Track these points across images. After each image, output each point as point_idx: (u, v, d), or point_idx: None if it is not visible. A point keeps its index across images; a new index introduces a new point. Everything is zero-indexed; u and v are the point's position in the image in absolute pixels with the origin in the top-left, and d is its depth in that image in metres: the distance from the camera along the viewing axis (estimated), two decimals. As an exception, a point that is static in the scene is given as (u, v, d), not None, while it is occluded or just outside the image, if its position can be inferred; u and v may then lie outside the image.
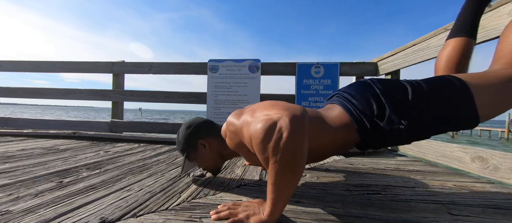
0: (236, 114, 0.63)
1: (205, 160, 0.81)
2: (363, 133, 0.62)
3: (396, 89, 0.63)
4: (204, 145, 0.79)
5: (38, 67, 2.39)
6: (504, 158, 0.88)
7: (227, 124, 0.65)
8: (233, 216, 0.54)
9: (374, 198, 0.71)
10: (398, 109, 0.60)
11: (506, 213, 0.62)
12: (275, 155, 0.44)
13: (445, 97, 0.60)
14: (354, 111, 0.63)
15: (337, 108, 0.67)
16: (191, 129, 0.80)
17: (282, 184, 0.47)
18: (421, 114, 0.59)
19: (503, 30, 0.67)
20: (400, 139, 0.62)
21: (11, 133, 1.80)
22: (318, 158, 0.73)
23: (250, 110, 0.59)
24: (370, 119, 0.61)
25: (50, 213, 0.55)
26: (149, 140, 1.69)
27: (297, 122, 0.45)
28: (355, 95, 0.66)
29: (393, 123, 0.59)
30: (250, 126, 0.52)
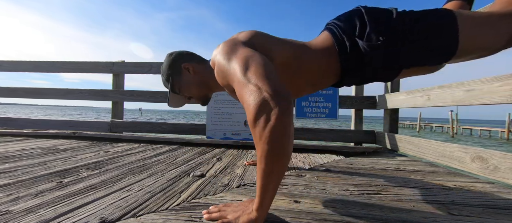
0: (225, 52, 0.59)
1: (190, 86, 0.80)
2: (342, 55, 0.64)
3: (381, 11, 0.65)
4: (188, 68, 0.79)
5: (38, 67, 2.39)
6: (504, 158, 0.88)
7: (218, 61, 0.61)
8: (223, 218, 0.53)
9: (374, 198, 0.71)
10: (378, 27, 0.61)
11: (506, 213, 0.62)
12: (264, 136, 0.45)
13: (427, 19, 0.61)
14: (337, 31, 0.66)
15: (323, 33, 0.70)
16: (174, 55, 0.81)
17: (270, 168, 0.46)
18: (400, 32, 0.60)
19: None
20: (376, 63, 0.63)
21: (11, 133, 1.80)
22: (302, 89, 0.74)
23: (241, 58, 0.55)
24: (350, 38, 0.63)
25: (50, 213, 0.55)
26: (149, 140, 1.69)
27: (285, 104, 0.46)
28: (341, 18, 0.69)
29: (371, 40, 0.60)
30: (242, 90, 0.50)
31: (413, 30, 0.61)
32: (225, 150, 1.49)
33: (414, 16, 0.62)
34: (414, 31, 0.61)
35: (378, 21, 0.62)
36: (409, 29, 0.61)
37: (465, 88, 1.07)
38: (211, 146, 1.61)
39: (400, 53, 0.63)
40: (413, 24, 0.61)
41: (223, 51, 0.60)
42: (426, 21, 0.61)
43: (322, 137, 1.97)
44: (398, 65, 0.66)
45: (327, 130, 1.96)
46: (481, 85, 0.99)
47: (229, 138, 1.95)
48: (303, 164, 1.15)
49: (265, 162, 0.46)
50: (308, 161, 1.22)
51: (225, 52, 0.59)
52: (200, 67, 0.80)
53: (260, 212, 0.50)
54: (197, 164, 1.09)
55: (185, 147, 1.55)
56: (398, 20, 0.62)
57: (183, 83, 0.81)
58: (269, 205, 0.51)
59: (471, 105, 1.04)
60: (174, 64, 0.80)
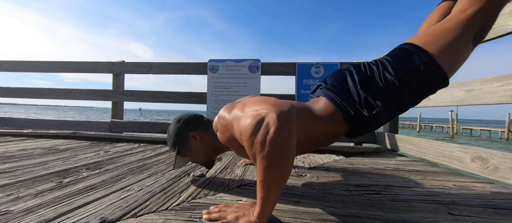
0: (227, 108, 0.63)
1: (197, 153, 0.81)
2: (349, 121, 0.66)
3: (367, 74, 0.68)
4: (195, 137, 0.79)
5: (38, 67, 2.39)
6: (504, 158, 0.88)
7: (219, 118, 0.65)
8: (223, 218, 0.54)
9: (374, 198, 0.71)
10: (371, 93, 0.65)
11: (506, 213, 0.62)
12: (262, 151, 0.44)
13: (408, 68, 0.64)
14: (338, 100, 0.67)
15: (322, 99, 0.71)
16: (181, 123, 0.81)
17: (270, 181, 0.46)
18: (391, 91, 0.64)
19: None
20: (383, 118, 0.66)
21: (11, 133, 1.80)
22: (309, 149, 0.75)
23: (241, 104, 0.59)
24: (353, 107, 0.65)
25: (50, 213, 0.55)
26: (149, 140, 1.69)
27: (284, 117, 0.45)
28: (336, 85, 0.70)
29: (371, 107, 0.64)
30: (240, 121, 0.52)
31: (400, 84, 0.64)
32: (225, 150, 1.49)
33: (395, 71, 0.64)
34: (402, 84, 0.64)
35: (368, 87, 0.66)
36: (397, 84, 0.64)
37: (465, 88, 1.07)
38: (211, 146, 1.61)
39: (400, 104, 0.67)
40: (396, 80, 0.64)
41: (223, 109, 0.64)
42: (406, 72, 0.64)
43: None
44: (404, 110, 0.71)
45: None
46: (481, 85, 0.99)
47: (229, 138, 1.95)
48: (303, 164, 1.15)
49: (264, 176, 0.46)
50: (308, 161, 1.22)
51: (225, 108, 0.64)
52: (206, 135, 0.80)
53: (260, 219, 0.50)
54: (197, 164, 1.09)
55: (185, 147, 1.55)
56: (384, 80, 0.65)
57: (190, 150, 0.81)
58: (270, 213, 0.51)
59: (471, 105, 1.04)
60: (181, 132, 0.80)
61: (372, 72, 0.67)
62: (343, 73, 0.72)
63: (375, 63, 0.69)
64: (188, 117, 0.83)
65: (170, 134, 0.81)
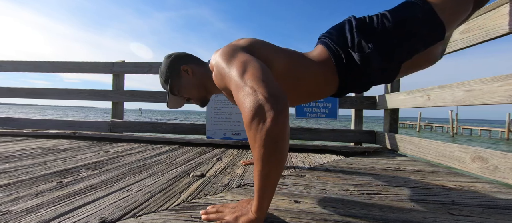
0: (226, 54, 0.60)
1: (189, 88, 0.81)
2: (339, 67, 0.68)
3: (365, 20, 0.69)
4: (187, 70, 0.79)
5: (38, 67, 2.39)
6: (504, 158, 0.88)
7: (217, 63, 0.62)
8: (221, 219, 0.53)
9: (374, 198, 0.71)
10: (365, 34, 0.66)
11: (506, 213, 0.62)
12: (259, 139, 0.45)
13: (407, 15, 0.66)
14: (332, 45, 0.69)
15: (318, 46, 0.73)
16: (172, 57, 0.81)
17: (266, 171, 0.47)
18: (386, 36, 0.65)
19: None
20: (373, 66, 0.67)
21: (11, 133, 1.80)
22: (299, 99, 0.76)
23: (240, 62, 0.55)
24: (345, 51, 0.67)
25: (50, 213, 0.55)
26: (149, 140, 1.69)
27: (280, 108, 0.46)
28: (332, 31, 0.72)
29: (362, 49, 0.65)
30: (238, 93, 0.51)
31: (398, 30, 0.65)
32: (225, 150, 1.49)
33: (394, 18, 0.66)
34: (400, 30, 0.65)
35: (364, 30, 0.67)
36: (392, 28, 0.65)
37: (465, 88, 1.07)
38: (211, 146, 1.61)
39: (392, 50, 0.67)
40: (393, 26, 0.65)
41: (222, 54, 0.61)
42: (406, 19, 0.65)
43: (322, 137, 1.97)
44: (395, 62, 0.70)
45: (327, 130, 1.96)
46: (481, 85, 0.99)
47: (229, 138, 1.95)
48: (303, 164, 1.15)
49: (261, 164, 0.46)
50: (308, 161, 1.22)
51: (224, 55, 0.60)
52: (198, 69, 0.80)
53: (259, 213, 0.50)
54: (197, 164, 1.09)
55: (185, 147, 1.55)
56: (380, 24, 0.66)
57: (182, 85, 0.81)
58: (268, 206, 0.51)
59: (471, 105, 1.04)
60: (172, 66, 0.80)
61: (371, 19, 0.69)
62: (342, 22, 0.74)
63: (376, 14, 0.71)
64: (179, 52, 0.83)
65: (162, 70, 0.81)
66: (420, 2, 0.66)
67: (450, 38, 1.15)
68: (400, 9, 0.68)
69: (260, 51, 0.66)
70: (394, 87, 1.78)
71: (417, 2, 0.66)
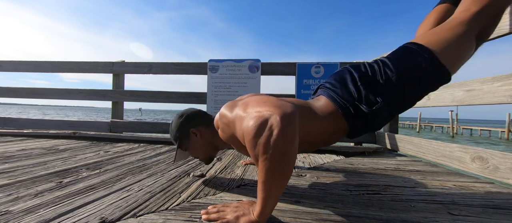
0: (229, 106, 0.63)
1: (197, 149, 0.83)
2: (348, 118, 0.67)
3: (367, 72, 0.69)
4: (196, 133, 0.80)
5: (38, 67, 2.39)
6: (504, 158, 0.88)
7: (220, 115, 0.65)
8: (222, 218, 0.54)
9: (374, 198, 0.71)
10: (371, 90, 0.65)
11: (506, 213, 0.62)
12: (265, 153, 0.44)
13: (409, 65, 0.65)
14: (337, 98, 0.68)
15: (322, 98, 0.72)
16: (183, 118, 0.82)
17: (272, 182, 0.47)
18: (392, 88, 0.65)
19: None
20: (383, 117, 0.67)
21: (11, 133, 1.80)
22: (310, 148, 0.75)
23: (242, 103, 0.58)
24: (352, 104, 0.66)
25: (50, 213, 0.55)
26: (149, 140, 1.69)
27: (287, 120, 0.45)
28: (335, 83, 0.71)
29: (371, 104, 0.64)
30: (243, 122, 0.52)
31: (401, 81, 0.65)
32: (225, 150, 1.49)
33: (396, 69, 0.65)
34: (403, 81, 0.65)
35: (369, 83, 0.66)
36: (397, 79, 0.64)
37: (465, 88, 1.07)
38: (211, 146, 1.61)
39: (400, 101, 0.67)
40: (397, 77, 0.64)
41: (225, 107, 0.64)
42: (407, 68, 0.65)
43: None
44: (403, 110, 0.71)
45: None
46: (481, 85, 0.99)
47: (229, 138, 1.95)
48: (303, 164, 1.15)
49: (266, 176, 0.46)
50: (308, 161, 1.22)
51: (226, 107, 0.63)
52: (206, 131, 0.81)
53: (261, 218, 0.50)
54: (197, 164, 1.09)
55: (185, 147, 1.55)
56: (384, 76, 0.66)
57: (190, 145, 0.83)
58: (271, 212, 0.51)
59: (471, 105, 1.04)
60: (182, 127, 0.81)
61: (373, 70, 0.68)
62: (342, 73, 0.73)
63: (375, 62, 0.70)
64: (190, 113, 0.84)
65: (172, 128, 0.83)
66: (419, 49, 0.65)
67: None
68: (400, 58, 0.67)
69: None
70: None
71: (416, 49, 0.65)
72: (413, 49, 0.66)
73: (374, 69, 0.68)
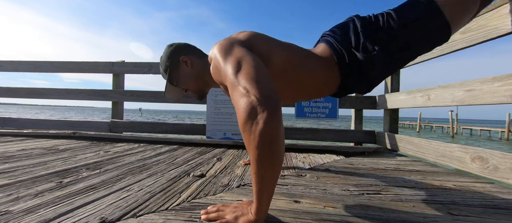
0: (224, 49, 0.59)
1: (187, 79, 0.81)
2: (342, 66, 0.66)
3: (371, 20, 0.68)
4: (186, 62, 0.79)
5: (38, 67, 2.39)
6: (504, 158, 0.88)
7: (214, 56, 0.62)
8: (221, 218, 0.53)
9: (374, 198, 0.71)
10: (370, 36, 0.65)
11: (506, 213, 0.62)
12: (253, 141, 0.45)
13: (412, 15, 0.64)
14: (335, 44, 0.68)
15: (321, 45, 0.72)
16: (173, 47, 0.82)
17: (262, 173, 0.46)
18: (392, 38, 0.64)
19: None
20: (377, 69, 0.66)
21: (11, 133, 1.80)
22: (298, 96, 0.75)
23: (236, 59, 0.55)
24: (348, 50, 0.66)
25: (50, 213, 0.55)
26: (149, 140, 1.69)
27: (273, 108, 0.45)
28: (336, 30, 0.72)
29: (367, 51, 0.64)
30: (232, 91, 0.51)
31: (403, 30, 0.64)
32: (225, 150, 1.49)
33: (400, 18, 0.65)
34: (405, 31, 0.64)
35: (369, 31, 0.66)
36: (398, 28, 0.64)
37: (465, 88, 1.07)
38: (211, 146, 1.61)
39: (397, 52, 0.66)
40: (398, 27, 0.64)
41: (220, 48, 0.60)
42: (411, 19, 0.64)
43: (322, 137, 1.96)
44: (400, 64, 0.70)
45: (327, 130, 1.96)
46: (481, 85, 0.99)
47: (229, 138, 1.95)
48: (303, 164, 1.15)
49: (257, 167, 0.46)
50: (308, 161, 1.22)
51: (221, 49, 0.60)
52: (198, 61, 0.80)
53: (258, 215, 0.50)
54: (197, 164, 1.09)
55: (185, 147, 1.55)
56: (386, 24, 0.65)
57: (181, 75, 0.81)
58: (267, 207, 0.51)
59: (471, 105, 1.04)
60: (172, 56, 0.80)
61: (377, 19, 0.67)
62: (346, 21, 0.73)
63: (381, 13, 0.69)
64: (181, 42, 0.83)
65: (162, 59, 0.82)
66: (425, 1, 0.64)
67: (451, 38, 1.15)
68: (405, 9, 0.67)
69: (258, 46, 0.65)
70: (394, 87, 1.78)
71: (422, 1, 0.65)
72: (420, 0, 0.65)
73: (377, 19, 0.67)
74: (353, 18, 0.71)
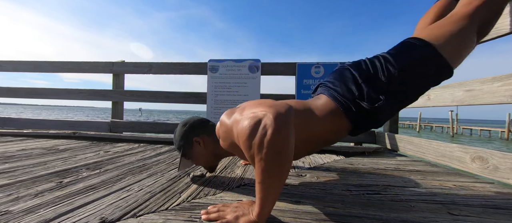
0: (227, 113, 0.64)
1: (200, 158, 0.83)
2: (350, 116, 0.66)
3: (369, 69, 0.68)
4: (199, 142, 0.81)
5: (38, 67, 2.39)
6: (504, 158, 0.88)
7: (220, 124, 0.66)
8: (222, 218, 0.54)
9: (374, 198, 0.71)
10: (373, 86, 0.64)
11: (506, 213, 0.62)
12: (260, 153, 0.44)
13: (411, 60, 0.64)
14: (338, 96, 0.67)
15: (323, 97, 0.71)
16: (186, 127, 0.83)
17: (268, 183, 0.46)
18: (394, 84, 0.64)
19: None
20: (385, 113, 0.66)
21: (11, 133, 1.80)
22: (313, 150, 0.75)
23: (240, 109, 0.59)
24: (353, 102, 0.65)
25: (50, 213, 0.55)
26: (149, 140, 1.69)
27: (281, 119, 0.45)
28: (335, 82, 0.71)
29: (373, 101, 0.63)
30: (238, 124, 0.52)
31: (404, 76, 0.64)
32: (225, 150, 1.49)
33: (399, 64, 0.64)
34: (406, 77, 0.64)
35: (370, 81, 0.65)
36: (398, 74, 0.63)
37: (465, 88, 1.07)
38: (211, 146, 1.61)
39: (401, 96, 0.66)
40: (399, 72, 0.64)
41: (224, 116, 0.64)
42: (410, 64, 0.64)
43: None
44: (404, 105, 0.70)
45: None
46: (481, 85, 0.99)
47: (229, 138, 1.95)
48: (303, 164, 1.15)
49: (263, 177, 0.46)
50: (308, 161, 1.22)
51: (225, 115, 0.64)
52: (210, 140, 0.82)
53: (260, 218, 0.50)
54: (197, 164, 1.09)
55: (185, 147, 1.55)
56: (386, 72, 0.65)
57: (194, 154, 0.83)
58: (270, 212, 0.51)
59: (471, 105, 1.04)
60: (186, 136, 0.82)
61: (375, 67, 0.67)
62: (342, 71, 0.73)
63: (376, 58, 0.69)
64: (193, 121, 0.84)
65: (176, 137, 0.84)
66: (420, 44, 0.64)
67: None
68: (402, 53, 0.66)
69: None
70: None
71: (417, 44, 0.65)
72: (415, 43, 0.65)
73: (375, 66, 0.67)
74: (349, 68, 0.71)
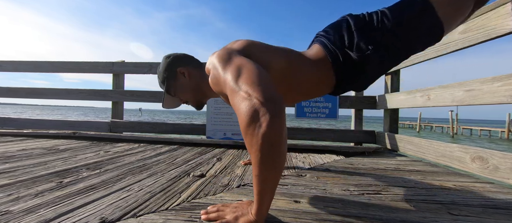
0: (221, 59, 0.59)
1: (185, 90, 0.82)
2: (336, 66, 0.67)
3: (365, 19, 0.68)
4: (184, 73, 0.80)
5: (38, 67, 2.39)
6: (504, 158, 0.88)
7: (212, 66, 0.61)
8: (221, 218, 0.54)
9: (374, 198, 0.71)
10: (365, 36, 0.65)
11: (505, 213, 0.62)
12: (255, 144, 0.44)
13: (409, 13, 0.64)
14: (328, 44, 0.68)
15: (315, 46, 0.72)
16: (170, 59, 0.82)
17: (264, 175, 0.46)
18: (388, 36, 0.64)
19: None
20: (373, 64, 0.66)
21: (11, 133, 1.80)
22: (297, 98, 0.76)
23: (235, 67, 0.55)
24: (341, 50, 0.66)
25: (50, 213, 0.55)
26: (149, 140, 1.69)
27: (275, 111, 0.45)
28: (329, 30, 0.71)
29: (361, 50, 0.64)
30: (233, 97, 0.50)
31: (397, 29, 0.65)
32: (225, 150, 1.49)
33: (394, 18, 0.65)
34: (399, 30, 0.65)
35: (363, 30, 0.66)
36: (392, 30, 0.64)
37: (465, 88, 1.07)
38: (211, 146, 1.61)
39: (391, 51, 0.67)
40: (395, 25, 0.64)
41: (217, 58, 0.60)
42: (406, 18, 0.65)
43: (322, 137, 1.97)
44: (394, 63, 0.70)
45: (327, 130, 1.96)
46: (481, 85, 0.99)
47: (229, 138, 1.95)
48: (303, 164, 1.15)
49: (258, 169, 0.46)
50: (308, 161, 1.22)
51: (219, 59, 0.59)
52: (195, 72, 0.80)
53: (258, 216, 0.50)
54: (197, 164, 1.09)
55: (185, 147, 1.55)
56: (380, 23, 0.65)
57: (178, 87, 0.81)
58: (268, 209, 0.51)
59: (471, 105, 1.04)
60: (170, 67, 0.80)
61: (371, 18, 0.67)
62: (339, 20, 0.73)
63: (375, 12, 0.69)
64: (178, 53, 0.84)
65: (160, 70, 0.82)
66: (420, 0, 0.65)
67: (451, 38, 1.15)
68: (399, 8, 0.67)
69: (256, 53, 0.65)
70: (394, 87, 1.78)
71: (417, 0, 0.65)
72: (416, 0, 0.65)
73: (372, 18, 0.67)
74: (347, 18, 0.71)
